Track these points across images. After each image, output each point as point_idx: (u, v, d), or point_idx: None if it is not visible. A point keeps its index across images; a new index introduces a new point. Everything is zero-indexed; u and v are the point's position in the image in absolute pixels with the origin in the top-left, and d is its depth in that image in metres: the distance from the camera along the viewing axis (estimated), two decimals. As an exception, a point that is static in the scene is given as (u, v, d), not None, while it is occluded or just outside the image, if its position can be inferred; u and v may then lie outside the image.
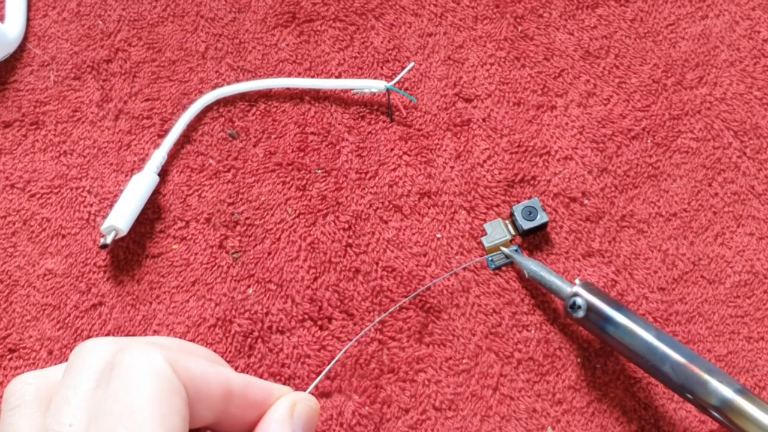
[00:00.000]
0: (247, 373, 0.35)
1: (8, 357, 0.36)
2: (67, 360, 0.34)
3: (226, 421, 0.24)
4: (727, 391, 0.28)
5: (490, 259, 0.37)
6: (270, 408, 0.25)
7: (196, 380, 0.23)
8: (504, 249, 0.37)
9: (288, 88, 0.41)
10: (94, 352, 0.23)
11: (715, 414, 0.29)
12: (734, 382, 0.29)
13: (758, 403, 0.28)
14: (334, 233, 0.38)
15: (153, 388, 0.21)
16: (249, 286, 0.37)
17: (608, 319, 0.31)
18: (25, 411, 0.23)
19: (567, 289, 0.33)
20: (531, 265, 0.35)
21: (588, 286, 0.33)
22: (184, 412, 0.22)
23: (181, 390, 0.22)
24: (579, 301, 0.32)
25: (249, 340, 0.36)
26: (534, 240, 0.38)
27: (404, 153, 0.40)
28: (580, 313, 0.32)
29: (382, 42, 0.42)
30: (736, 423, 0.28)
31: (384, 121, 0.40)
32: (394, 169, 0.39)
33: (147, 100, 0.41)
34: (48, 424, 0.21)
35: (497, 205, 0.38)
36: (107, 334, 0.36)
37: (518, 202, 0.38)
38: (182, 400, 0.22)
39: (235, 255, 0.38)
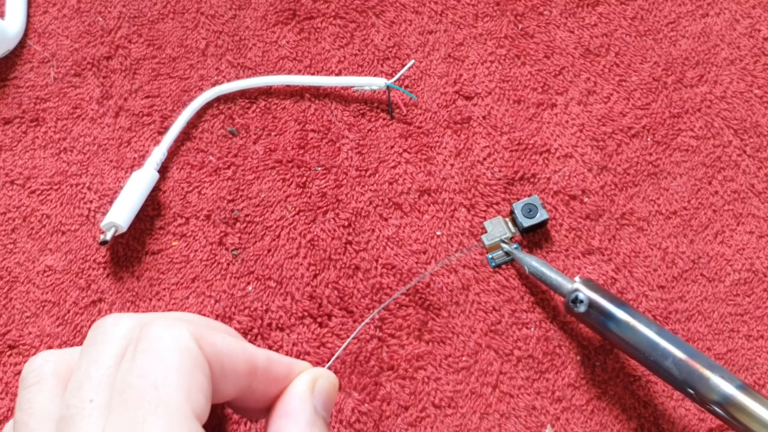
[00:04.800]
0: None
1: (8, 353, 0.36)
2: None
3: (249, 396, 0.24)
4: (728, 387, 0.28)
5: (490, 257, 0.37)
6: (291, 383, 0.25)
7: (221, 356, 0.22)
8: (504, 245, 0.37)
9: (288, 86, 0.41)
10: (116, 328, 0.22)
11: (717, 409, 0.29)
12: (735, 378, 0.29)
13: (759, 399, 0.28)
14: (334, 230, 0.38)
15: (178, 363, 0.21)
16: (249, 283, 0.37)
17: (610, 315, 0.31)
18: (44, 388, 0.23)
19: (568, 285, 0.33)
20: (532, 262, 0.35)
21: (589, 283, 0.33)
22: (207, 389, 0.21)
23: (205, 366, 0.22)
24: (581, 295, 0.32)
25: (248, 337, 0.36)
26: (534, 238, 0.38)
27: (404, 150, 0.40)
28: (582, 308, 0.32)
29: (382, 39, 0.42)
30: (737, 418, 0.28)
31: (384, 119, 0.40)
32: (394, 167, 0.39)
33: (147, 97, 0.41)
34: (67, 399, 0.21)
35: (497, 203, 0.38)
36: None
37: (518, 199, 0.38)
38: (206, 376, 0.21)
39: (234, 252, 0.38)
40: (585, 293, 0.32)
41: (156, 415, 0.19)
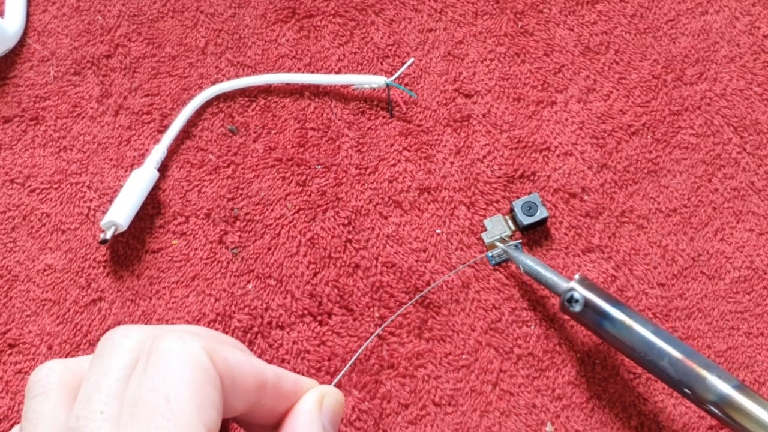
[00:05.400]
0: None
1: (8, 352, 0.36)
2: (66, 356, 0.34)
3: (257, 412, 0.24)
4: (725, 387, 0.28)
5: (490, 255, 0.37)
6: (299, 400, 0.25)
7: (232, 371, 0.22)
8: (500, 244, 0.37)
9: (288, 84, 0.41)
10: (125, 339, 0.22)
11: (713, 409, 0.29)
12: (732, 377, 0.29)
13: (756, 399, 0.28)
14: (334, 229, 0.38)
15: (191, 377, 0.21)
16: (249, 282, 0.37)
17: (605, 315, 0.31)
18: (50, 398, 0.23)
19: (563, 284, 0.33)
20: (527, 261, 0.34)
21: (585, 282, 0.32)
22: (218, 403, 0.21)
23: (216, 381, 0.22)
24: (577, 294, 0.32)
25: (249, 335, 0.36)
26: (534, 235, 0.38)
27: (404, 148, 0.40)
28: (577, 308, 0.32)
29: (382, 37, 0.42)
30: (733, 418, 0.28)
31: (384, 117, 0.40)
32: (393, 165, 0.39)
33: (147, 95, 0.41)
34: (77, 410, 0.21)
35: (497, 201, 0.38)
36: (107, 330, 0.36)
37: (518, 197, 0.38)
38: (217, 391, 0.21)
39: (234, 250, 0.38)
40: (580, 292, 0.32)
41: (167, 429, 0.19)
